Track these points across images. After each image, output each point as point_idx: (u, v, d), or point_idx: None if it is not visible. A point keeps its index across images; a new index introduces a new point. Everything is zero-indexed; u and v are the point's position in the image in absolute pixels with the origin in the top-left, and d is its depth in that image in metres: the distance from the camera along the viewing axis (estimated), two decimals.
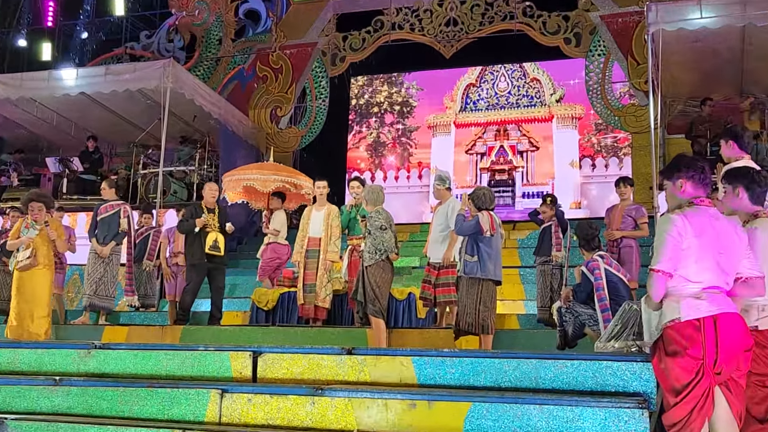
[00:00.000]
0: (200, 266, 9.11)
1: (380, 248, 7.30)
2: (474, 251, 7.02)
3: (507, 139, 16.76)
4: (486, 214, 7.11)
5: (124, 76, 12.94)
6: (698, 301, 3.57)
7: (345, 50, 16.72)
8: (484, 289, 7.00)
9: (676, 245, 3.61)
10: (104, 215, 9.63)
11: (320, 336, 7.99)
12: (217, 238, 9.10)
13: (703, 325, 3.51)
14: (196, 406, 4.76)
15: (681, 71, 12.11)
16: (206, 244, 9.04)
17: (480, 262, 6.98)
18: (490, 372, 4.55)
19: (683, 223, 3.64)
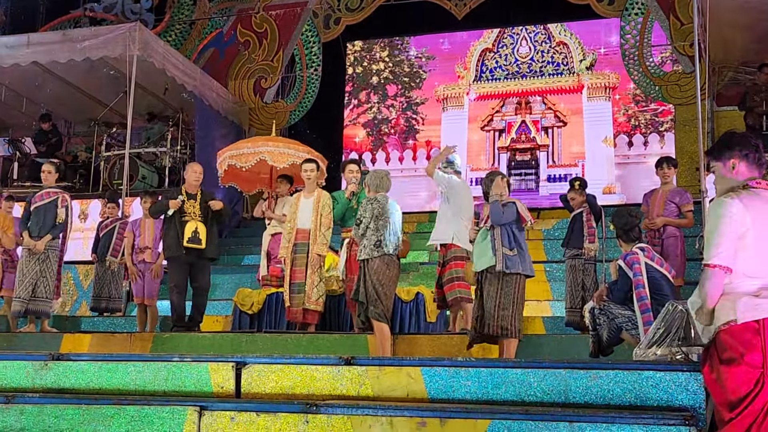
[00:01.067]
0: (178, 260, 9.05)
1: (383, 241, 7.30)
2: (513, 243, 6.98)
3: (529, 113, 16.72)
4: (518, 202, 7.14)
5: (83, 43, 12.90)
6: (757, 299, 3.55)
7: (340, 11, 16.69)
8: (521, 286, 7.00)
9: (732, 234, 3.58)
10: (39, 204, 9.44)
11: (314, 344, 7.99)
12: (197, 228, 8.99)
13: (763, 327, 3.50)
14: (171, 426, 4.76)
15: (732, 32, 12.05)
16: (184, 236, 8.97)
17: (519, 255, 6.97)
18: (512, 384, 4.55)
19: (739, 207, 3.61)
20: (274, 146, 10.63)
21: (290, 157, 10.50)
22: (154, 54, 13.15)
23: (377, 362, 5.05)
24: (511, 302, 6.90)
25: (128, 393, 5.31)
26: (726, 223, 3.60)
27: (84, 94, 15.46)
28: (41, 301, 9.33)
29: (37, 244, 9.28)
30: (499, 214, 7.03)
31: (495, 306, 6.95)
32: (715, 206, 3.70)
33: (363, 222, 7.39)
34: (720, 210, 3.64)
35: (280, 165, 10.54)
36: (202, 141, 14.62)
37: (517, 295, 6.94)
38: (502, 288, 6.94)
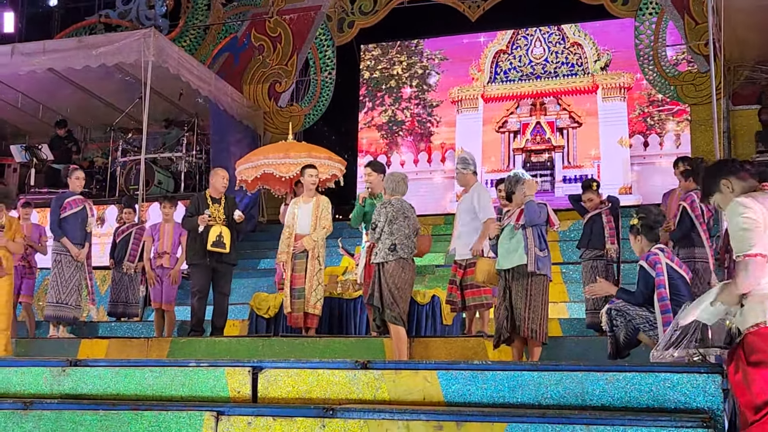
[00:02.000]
0: (202, 266, 9.09)
1: (398, 245, 7.29)
2: (543, 245, 6.96)
3: (544, 114, 16.69)
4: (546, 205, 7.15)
5: (98, 50, 12.98)
6: None
7: (353, 14, 16.71)
8: (546, 288, 6.99)
9: (757, 228, 3.57)
10: (74, 210, 9.59)
11: (330, 347, 7.99)
12: (221, 233, 9.01)
13: None
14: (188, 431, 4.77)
15: (747, 31, 12.00)
16: (208, 240, 9.00)
17: (548, 257, 6.98)
18: (528, 387, 4.54)
19: (754, 203, 3.60)
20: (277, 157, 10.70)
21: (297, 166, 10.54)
22: (168, 59, 13.20)
23: (393, 366, 5.04)
24: (540, 304, 6.87)
25: (145, 398, 5.32)
26: (747, 218, 3.60)
27: (100, 100, 15.54)
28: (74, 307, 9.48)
29: (81, 252, 9.46)
30: (536, 213, 6.99)
31: (525, 307, 6.88)
32: (732, 208, 3.69)
33: (378, 225, 7.38)
34: (737, 209, 3.65)
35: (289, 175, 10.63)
36: (218, 145, 14.66)
37: (545, 297, 6.92)
38: (531, 289, 6.89)
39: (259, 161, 10.86)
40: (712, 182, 4.00)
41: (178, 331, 10.16)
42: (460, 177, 8.33)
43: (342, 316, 9.46)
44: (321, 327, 9.06)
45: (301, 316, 8.72)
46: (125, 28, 16.73)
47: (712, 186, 4.00)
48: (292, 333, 8.97)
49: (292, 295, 8.77)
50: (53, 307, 9.39)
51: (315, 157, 10.62)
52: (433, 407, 4.63)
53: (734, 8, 10.79)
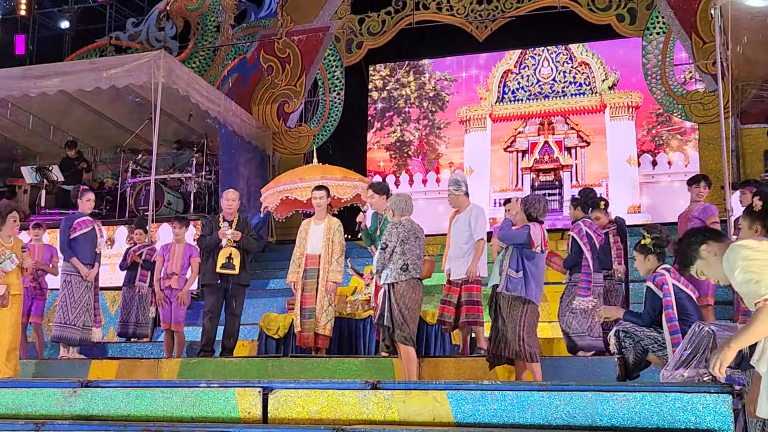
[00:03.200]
0: (213, 287, 9.19)
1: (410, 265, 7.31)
2: (519, 266, 7.00)
3: (552, 133, 16.74)
4: (538, 226, 7.10)
5: (109, 71, 13.05)
6: None
7: (362, 35, 16.78)
8: (530, 311, 6.98)
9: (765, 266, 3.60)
10: (83, 231, 9.65)
11: (340, 368, 8.00)
12: (231, 254, 9.10)
13: None
14: None
15: (755, 50, 12.01)
16: (218, 262, 9.08)
17: (525, 279, 6.96)
18: (538, 407, 4.54)
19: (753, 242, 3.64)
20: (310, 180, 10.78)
21: (352, 189, 10.76)
22: (178, 81, 13.27)
23: (403, 386, 5.04)
24: (518, 326, 6.91)
25: (156, 419, 5.33)
26: (752, 260, 3.61)
27: (110, 121, 15.62)
28: (86, 329, 9.55)
29: (91, 272, 9.52)
30: (504, 230, 7.08)
31: (507, 329, 7.00)
32: (731, 253, 3.72)
33: (389, 246, 7.38)
34: (740, 253, 3.68)
35: (344, 197, 10.77)
36: (227, 166, 14.70)
37: (524, 320, 6.94)
38: (510, 311, 6.98)
39: (278, 187, 10.99)
40: (690, 254, 4.11)
41: (187, 351, 10.17)
42: (452, 198, 8.36)
43: (351, 336, 9.47)
44: (330, 347, 9.08)
45: (311, 336, 8.77)
46: (135, 50, 16.82)
47: (693, 256, 4.10)
48: (301, 353, 8.98)
49: (302, 315, 8.84)
50: (59, 327, 9.43)
51: (329, 178, 10.71)
52: (443, 427, 4.64)
53: (741, 27, 10.81)
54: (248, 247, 9.37)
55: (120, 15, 18.72)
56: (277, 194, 11.11)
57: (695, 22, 14.49)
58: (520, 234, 7.05)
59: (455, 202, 8.36)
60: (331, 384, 5.28)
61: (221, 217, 9.37)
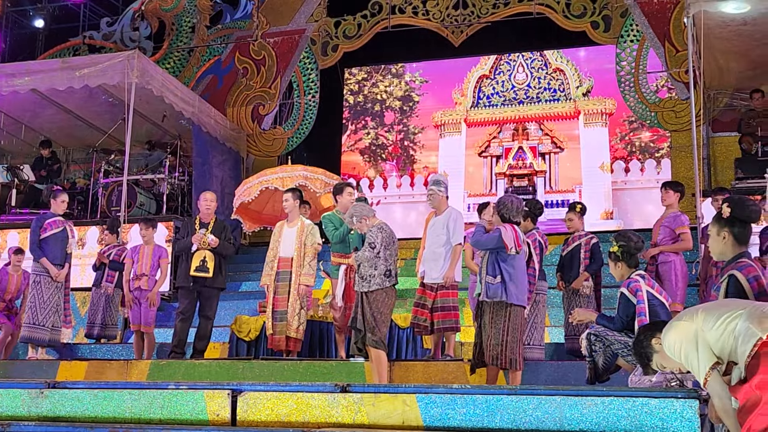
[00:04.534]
0: (187, 289, 9.16)
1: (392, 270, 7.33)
2: (496, 271, 7.01)
3: (526, 139, 16.79)
4: (510, 227, 7.11)
5: (82, 71, 12.96)
6: None
7: (337, 38, 16.77)
8: (513, 315, 6.99)
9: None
10: (53, 232, 9.58)
11: (310, 370, 7.98)
12: (205, 257, 9.07)
13: None
14: None
15: (727, 59, 12.14)
16: (192, 265, 9.04)
17: (503, 283, 6.97)
18: (507, 412, 4.55)
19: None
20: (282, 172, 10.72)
21: (296, 179, 10.52)
22: (152, 81, 13.20)
23: (372, 389, 5.04)
24: (501, 332, 6.92)
25: (124, 421, 5.30)
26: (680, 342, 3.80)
27: (82, 121, 15.51)
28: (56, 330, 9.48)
29: (61, 273, 9.46)
30: (476, 236, 7.14)
31: (488, 335, 7.00)
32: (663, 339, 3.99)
33: (377, 247, 7.36)
34: (667, 338, 3.93)
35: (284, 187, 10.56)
36: (200, 168, 14.64)
37: (508, 325, 6.94)
38: (494, 317, 6.99)
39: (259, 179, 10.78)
40: (645, 351, 4.37)
41: (158, 353, 10.11)
42: (434, 198, 8.23)
43: (323, 339, 9.47)
44: (302, 350, 9.06)
45: (283, 339, 8.75)
46: (109, 49, 16.72)
47: (648, 352, 4.35)
48: (273, 356, 8.96)
49: (274, 318, 8.81)
50: (28, 328, 9.36)
51: (311, 171, 10.67)
52: (412, 431, 4.64)
53: (714, 36, 10.91)
54: (224, 252, 9.32)
55: (94, 14, 18.56)
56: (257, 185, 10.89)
57: (668, 30, 14.60)
58: (491, 238, 7.06)
59: (436, 201, 8.24)
60: (300, 387, 5.27)
61: (198, 219, 9.32)
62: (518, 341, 7.04)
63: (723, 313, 3.70)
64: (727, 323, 3.66)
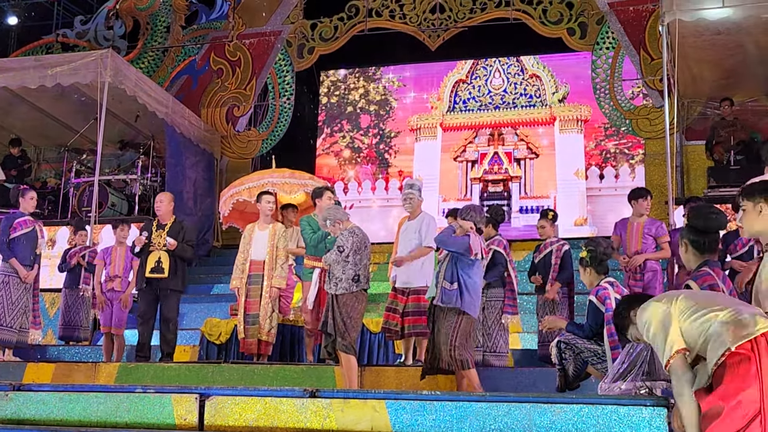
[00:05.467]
0: (145, 292, 9.07)
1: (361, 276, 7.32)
2: (454, 278, 7.02)
3: (502, 144, 16.84)
4: (473, 234, 7.12)
5: (54, 69, 12.87)
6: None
7: (314, 40, 16.76)
8: (464, 322, 6.99)
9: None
10: (23, 232, 9.48)
11: (281, 375, 7.95)
12: (160, 258, 8.98)
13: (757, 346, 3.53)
14: None
15: (701, 68, 12.24)
16: (147, 266, 8.97)
17: (459, 290, 6.99)
18: (476, 418, 4.54)
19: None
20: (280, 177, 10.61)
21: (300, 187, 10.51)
22: (125, 81, 13.12)
23: (342, 395, 5.02)
24: (451, 335, 6.93)
25: (90, 424, 5.25)
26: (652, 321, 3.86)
27: (54, 119, 15.39)
28: (24, 331, 9.37)
29: (30, 274, 9.34)
30: (443, 235, 7.13)
31: (440, 341, 7.02)
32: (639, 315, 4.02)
33: (345, 251, 7.35)
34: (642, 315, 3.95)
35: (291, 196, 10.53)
36: (174, 169, 14.57)
37: (458, 329, 6.95)
38: (444, 323, 7.00)
39: (263, 180, 10.65)
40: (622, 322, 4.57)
41: (127, 356, 10.04)
42: (412, 202, 8.22)
43: (294, 343, 9.43)
44: (273, 353, 9.04)
45: (255, 342, 8.74)
46: (83, 48, 16.60)
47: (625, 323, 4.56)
48: (243, 359, 8.92)
49: (245, 321, 8.78)
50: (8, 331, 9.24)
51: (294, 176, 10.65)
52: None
53: (688, 45, 11.00)
54: (182, 255, 9.18)
55: (68, 12, 18.43)
56: (230, 198, 10.92)
57: (644, 38, 14.70)
58: (460, 242, 7.05)
59: (413, 206, 8.24)
60: (269, 391, 5.24)
61: (156, 220, 9.26)
62: (467, 345, 7.01)
63: (701, 308, 3.70)
64: (702, 322, 3.66)
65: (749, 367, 3.49)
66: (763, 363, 3.50)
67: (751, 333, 3.54)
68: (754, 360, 3.50)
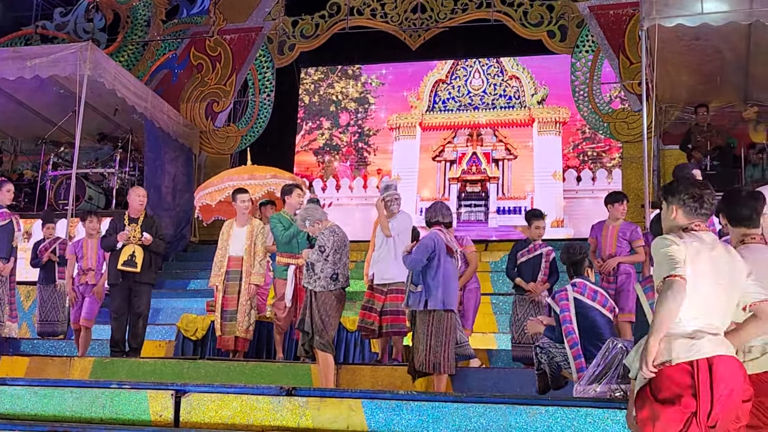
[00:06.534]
0: (117, 286, 9.03)
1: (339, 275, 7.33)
2: (418, 279, 7.08)
3: (481, 144, 16.87)
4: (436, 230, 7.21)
5: (33, 61, 12.73)
6: (692, 341, 3.60)
7: (294, 37, 16.71)
8: (436, 320, 7.02)
9: (680, 258, 3.65)
10: (1, 223, 9.42)
11: (257, 372, 7.94)
12: (134, 252, 8.96)
13: (697, 370, 3.55)
14: None
15: (679, 73, 12.31)
16: (120, 260, 8.93)
17: (425, 291, 7.03)
18: (452, 419, 4.56)
19: (678, 243, 3.69)
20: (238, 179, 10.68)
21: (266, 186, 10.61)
22: (105, 74, 13.01)
23: (318, 393, 5.03)
24: (425, 336, 6.97)
25: (64, 419, 5.23)
26: (671, 250, 3.67)
27: (32, 111, 15.26)
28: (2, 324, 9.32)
29: (6, 267, 9.32)
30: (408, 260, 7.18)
31: (415, 343, 7.11)
32: (658, 242, 3.78)
33: (326, 251, 7.35)
34: (662, 242, 3.73)
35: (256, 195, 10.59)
36: (152, 163, 14.49)
37: (431, 329, 6.98)
38: (419, 325, 7.07)
39: (224, 184, 10.80)
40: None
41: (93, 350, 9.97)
42: (400, 202, 8.34)
43: (271, 340, 9.41)
44: (249, 350, 9.02)
45: (232, 339, 8.75)
46: (62, 40, 16.48)
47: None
48: (220, 356, 8.90)
49: (223, 318, 8.78)
50: None
51: (280, 177, 10.73)
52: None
53: (667, 50, 11.05)
54: (155, 250, 9.20)
55: (48, 3, 18.26)
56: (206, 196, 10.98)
57: (623, 42, 14.77)
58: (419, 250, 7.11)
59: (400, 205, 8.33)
60: (245, 389, 5.23)
61: (126, 214, 9.21)
62: (443, 345, 7.00)
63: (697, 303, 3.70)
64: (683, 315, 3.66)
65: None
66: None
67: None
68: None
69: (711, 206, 3.85)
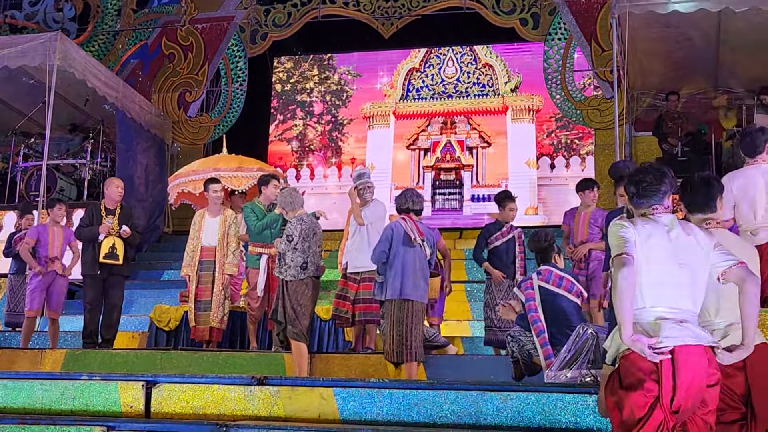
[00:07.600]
0: (94, 278, 8.97)
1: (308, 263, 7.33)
2: (381, 269, 7.15)
3: (454, 133, 16.88)
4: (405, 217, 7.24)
5: (1, 51, 12.58)
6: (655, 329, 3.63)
7: (267, 26, 16.63)
8: (397, 308, 7.04)
9: (632, 240, 3.69)
10: None
11: (230, 362, 7.91)
12: (114, 244, 8.94)
13: None
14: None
15: (650, 60, 12.36)
16: (101, 252, 8.87)
17: (386, 281, 7.07)
18: (424, 406, 4.57)
19: (631, 228, 3.74)
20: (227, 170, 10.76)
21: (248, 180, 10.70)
22: (75, 64, 12.88)
23: (290, 383, 5.03)
24: (390, 324, 7.02)
25: (33, 412, 5.19)
26: (621, 233, 3.72)
27: (1, 102, 15.09)
28: None
29: None
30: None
31: (383, 332, 7.21)
32: (610, 228, 3.83)
33: (293, 240, 7.35)
34: (613, 228, 3.79)
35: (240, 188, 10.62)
36: (124, 154, 14.38)
37: (393, 318, 7.03)
38: (385, 314, 7.15)
39: (176, 180, 10.82)
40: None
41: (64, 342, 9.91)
42: (373, 190, 8.34)
43: (244, 330, 9.39)
44: (222, 340, 9.01)
45: (207, 329, 8.76)
46: (32, 30, 16.32)
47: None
48: (192, 346, 8.87)
49: (197, 308, 8.77)
50: None
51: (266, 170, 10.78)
52: (329, 425, 4.63)
53: (638, 37, 11.10)
54: (131, 241, 9.22)
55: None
56: (176, 187, 10.99)
57: (595, 29, 14.81)
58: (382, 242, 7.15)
59: (373, 193, 8.36)
60: (216, 379, 5.22)
61: (103, 204, 9.15)
62: (405, 334, 7.01)
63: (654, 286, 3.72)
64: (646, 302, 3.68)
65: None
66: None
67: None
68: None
69: (654, 190, 3.86)
